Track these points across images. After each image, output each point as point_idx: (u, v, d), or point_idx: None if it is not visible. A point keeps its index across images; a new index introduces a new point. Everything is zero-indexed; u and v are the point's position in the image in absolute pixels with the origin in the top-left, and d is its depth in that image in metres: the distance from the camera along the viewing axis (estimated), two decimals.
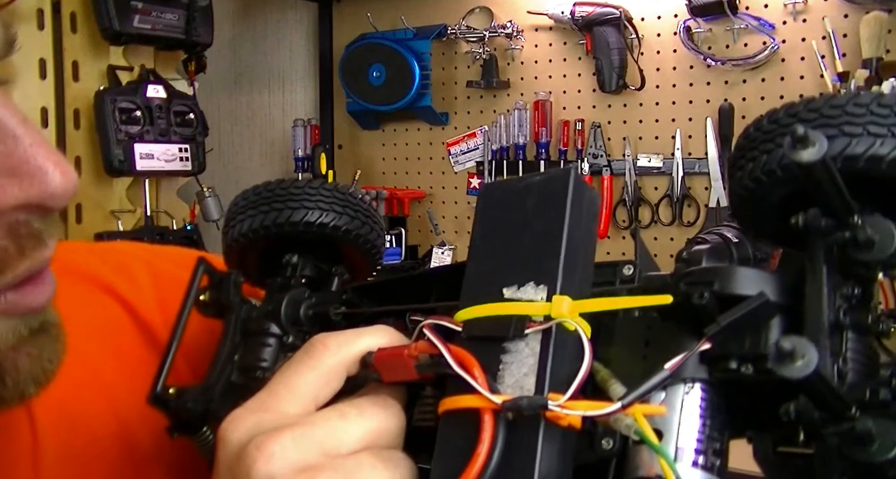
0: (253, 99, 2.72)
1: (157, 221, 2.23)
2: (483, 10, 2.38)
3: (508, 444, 0.34)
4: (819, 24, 1.94)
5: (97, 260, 0.60)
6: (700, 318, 0.36)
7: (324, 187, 0.52)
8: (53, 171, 0.37)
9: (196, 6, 2.16)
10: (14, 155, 0.37)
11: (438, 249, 2.49)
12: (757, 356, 0.35)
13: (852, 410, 0.33)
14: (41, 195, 0.37)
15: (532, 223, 0.38)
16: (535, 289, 0.37)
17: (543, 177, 0.40)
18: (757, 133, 0.41)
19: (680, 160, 2.13)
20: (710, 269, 0.38)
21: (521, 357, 0.36)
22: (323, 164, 2.56)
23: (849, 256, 0.34)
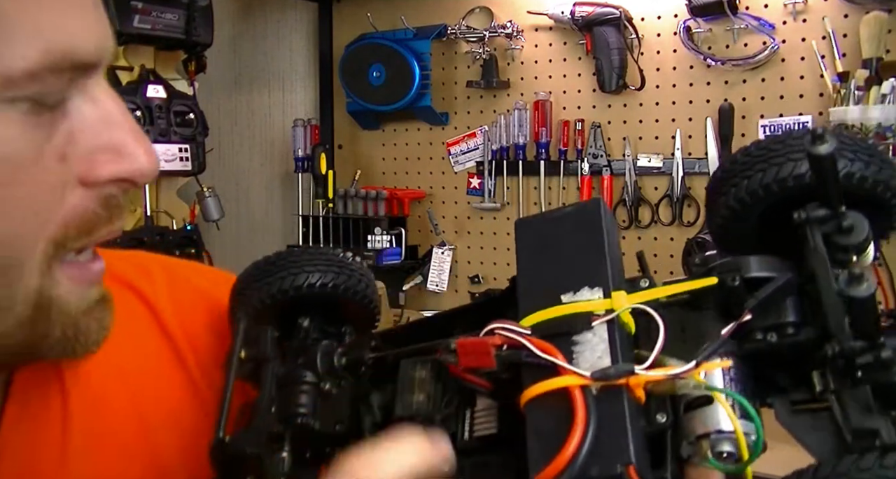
0: (253, 99, 2.72)
1: (157, 221, 2.23)
2: (483, 10, 2.38)
3: (599, 418, 0.38)
4: (819, 24, 1.94)
5: (121, 261, 0.64)
6: (730, 301, 0.43)
7: (319, 252, 0.58)
8: (143, 154, 0.47)
9: (196, 6, 2.16)
10: (116, 138, 0.46)
11: (438, 249, 2.49)
12: (779, 326, 0.42)
13: (880, 338, 0.41)
14: (132, 172, 0.47)
15: (573, 242, 0.46)
16: (591, 291, 0.43)
17: (576, 207, 0.48)
18: (734, 165, 0.48)
19: (680, 160, 2.13)
20: (734, 259, 0.44)
21: (591, 345, 0.41)
22: (323, 164, 2.56)
23: (833, 242, 0.42)
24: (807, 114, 1.97)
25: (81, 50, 0.45)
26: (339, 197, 2.55)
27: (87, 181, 0.46)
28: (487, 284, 2.44)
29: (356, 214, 2.53)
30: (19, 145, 0.44)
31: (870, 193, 0.45)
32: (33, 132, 0.44)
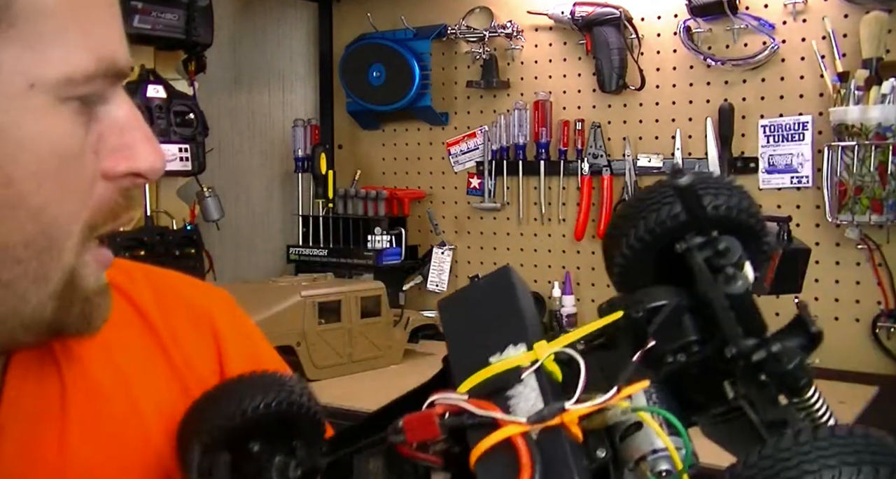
0: (253, 99, 2.72)
1: (157, 221, 2.23)
2: (483, 10, 2.38)
3: (544, 462, 0.41)
4: (819, 24, 1.94)
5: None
6: (637, 333, 0.47)
7: (257, 377, 0.61)
8: (152, 153, 0.55)
9: (196, 6, 2.16)
10: (132, 139, 0.54)
11: (438, 249, 2.49)
12: (684, 346, 0.47)
13: (766, 333, 0.46)
14: (142, 168, 0.55)
15: (492, 310, 0.51)
16: (515, 348, 0.46)
17: (488, 279, 0.53)
18: (619, 219, 0.54)
19: (680, 160, 2.13)
20: (633, 295, 0.49)
21: (524, 396, 0.44)
22: (323, 164, 2.56)
23: (713, 264, 0.47)
24: (807, 114, 1.97)
25: (122, 59, 0.53)
26: (339, 197, 2.55)
27: (108, 175, 0.54)
28: None
29: (356, 214, 2.53)
30: (69, 139, 0.51)
31: (735, 220, 0.51)
32: (79, 129, 0.52)
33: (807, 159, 1.97)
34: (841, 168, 1.85)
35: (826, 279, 1.96)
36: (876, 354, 1.91)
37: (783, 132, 2.00)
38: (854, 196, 1.83)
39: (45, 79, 0.49)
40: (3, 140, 0.49)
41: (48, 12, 0.49)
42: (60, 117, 0.51)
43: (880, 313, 1.90)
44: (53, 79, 0.49)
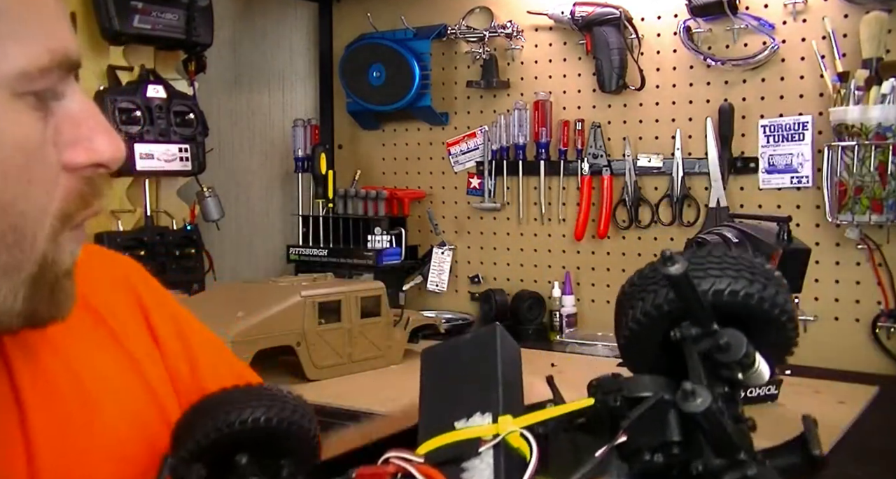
0: (253, 99, 2.72)
1: (157, 221, 2.23)
2: (483, 10, 2.38)
3: None
4: (819, 24, 1.94)
5: None
6: (614, 420, 0.44)
7: (255, 389, 0.60)
8: (109, 144, 0.56)
9: (196, 6, 2.16)
10: (88, 130, 0.55)
11: (438, 249, 2.49)
12: (664, 445, 0.43)
13: (741, 454, 0.42)
14: (102, 159, 0.55)
15: (470, 370, 0.48)
16: (482, 416, 0.45)
17: (475, 334, 0.51)
18: (624, 295, 0.51)
19: (680, 160, 2.13)
20: (617, 380, 0.47)
21: (479, 471, 0.42)
22: (323, 164, 2.56)
23: (714, 359, 0.44)
24: (807, 114, 1.97)
25: (73, 52, 0.54)
26: (339, 197, 2.55)
27: (70, 167, 0.54)
28: (488, 284, 2.44)
29: (356, 214, 2.53)
30: (30, 134, 0.52)
31: (745, 308, 0.46)
32: (37, 123, 0.52)
33: (807, 159, 1.97)
34: (841, 168, 1.85)
35: (826, 279, 1.96)
36: (876, 354, 1.91)
37: (783, 132, 2.00)
38: (854, 196, 1.83)
39: (2, 75, 0.50)
40: None
41: (2, 11, 0.50)
42: (18, 112, 0.51)
43: (880, 313, 1.90)
44: (10, 74, 0.50)
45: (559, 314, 2.25)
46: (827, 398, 1.65)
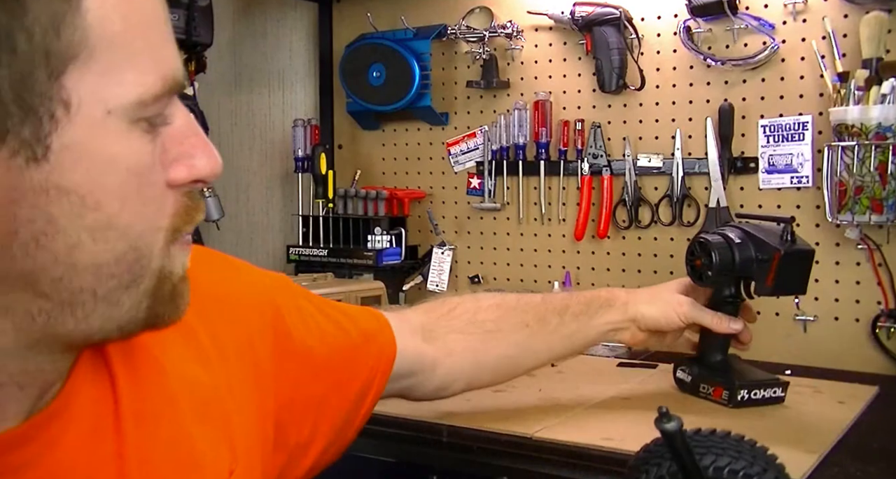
0: (253, 99, 2.72)
1: None
2: (483, 10, 2.38)
3: None
4: (819, 24, 1.94)
5: None
6: None
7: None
8: (209, 159, 0.59)
9: (196, 6, 2.16)
10: (189, 148, 0.58)
11: (438, 249, 2.49)
12: None
13: None
14: (203, 173, 0.59)
15: None
16: None
17: None
18: (637, 461, 0.58)
19: (680, 160, 2.13)
20: None
21: None
22: (323, 164, 2.56)
23: None
24: (807, 114, 1.98)
25: (180, 76, 0.57)
26: (339, 197, 2.55)
27: (174, 183, 0.58)
28: (487, 284, 2.44)
29: (356, 214, 2.53)
30: (142, 158, 0.55)
31: None
32: (148, 145, 0.55)
33: (807, 159, 1.97)
34: (841, 168, 1.85)
35: (826, 279, 1.97)
36: (876, 354, 1.91)
37: (783, 132, 2.00)
38: (854, 196, 1.83)
39: (121, 104, 0.53)
40: (90, 166, 0.52)
41: (118, 40, 0.52)
42: (133, 138, 0.54)
43: (880, 313, 1.90)
44: (128, 103, 0.53)
45: None
46: (827, 398, 1.65)
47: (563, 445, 1.36)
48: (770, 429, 1.44)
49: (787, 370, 1.88)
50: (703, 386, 1.53)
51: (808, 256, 1.45)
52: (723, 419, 1.47)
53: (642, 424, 1.50)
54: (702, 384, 1.53)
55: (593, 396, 1.62)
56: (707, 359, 1.52)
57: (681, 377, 1.59)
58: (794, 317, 2.00)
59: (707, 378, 1.52)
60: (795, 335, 2.00)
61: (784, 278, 1.41)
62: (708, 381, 1.52)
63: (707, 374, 1.52)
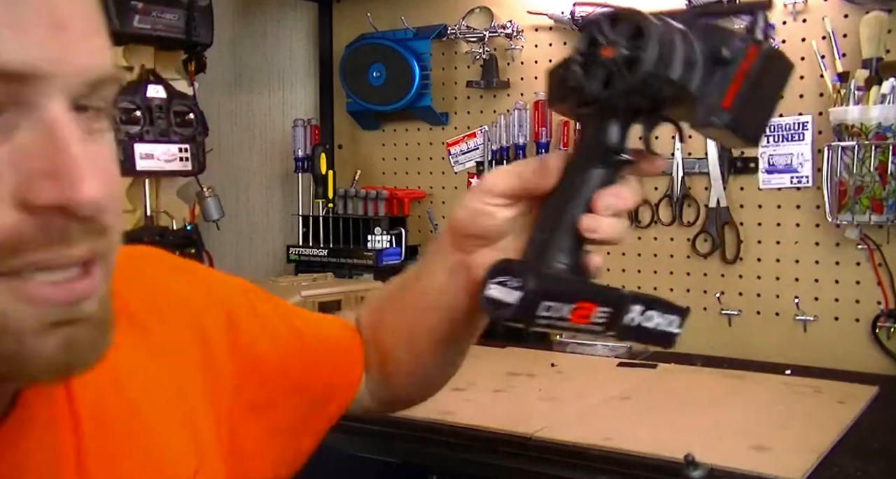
0: (253, 99, 2.72)
1: (157, 222, 2.23)
2: (483, 10, 2.38)
3: None
4: (819, 24, 1.94)
5: None
6: None
7: None
8: (86, 184, 0.45)
9: (196, 6, 2.16)
10: (58, 164, 0.45)
11: None
12: None
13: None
14: (69, 201, 0.45)
15: None
16: None
17: None
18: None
19: (680, 160, 2.13)
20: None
21: None
22: (323, 164, 2.56)
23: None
24: (807, 114, 1.97)
25: (14, 60, 0.44)
26: (339, 197, 2.55)
27: (25, 204, 0.45)
28: None
29: (356, 214, 2.53)
30: None
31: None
32: None
33: (807, 159, 1.97)
34: (841, 168, 1.85)
35: (826, 279, 1.97)
36: (876, 354, 1.91)
37: (783, 132, 2.00)
38: (854, 196, 1.83)
39: None
40: None
41: None
42: None
43: (880, 313, 1.90)
44: None
45: None
46: (827, 398, 1.65)
47: (563, 445, 1.36)
48: (770, 429, 1.44)
49: (787, 370, 1.88)
50: (551, 307, 0.73)
51: (788, 67, 0.87)
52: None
53: (642, 424, 1.51)
54: (548, 304, 0.73)
55: (593, 396, 1.62)
56: (546, 261, 0.76)
57: (496, 296, 0.74)
58: (794, 317, 2.00)
59: (557, 292, 0.73)
60: (795, 335, 2.00)
61: (750, 98, 0.76)
62: (560, 295, 0.73)
63: (553, 286, 0.74)
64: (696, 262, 2.13)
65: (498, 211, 0.78)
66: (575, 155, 0.77)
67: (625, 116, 0.76)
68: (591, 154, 0.75)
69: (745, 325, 2.07)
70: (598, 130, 0.75)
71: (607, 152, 0.75)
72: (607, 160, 0.75)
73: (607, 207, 0.72)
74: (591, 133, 0.76)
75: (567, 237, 0.74)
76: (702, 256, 2.12)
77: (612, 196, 0.73)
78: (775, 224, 2.03)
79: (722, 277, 2.10)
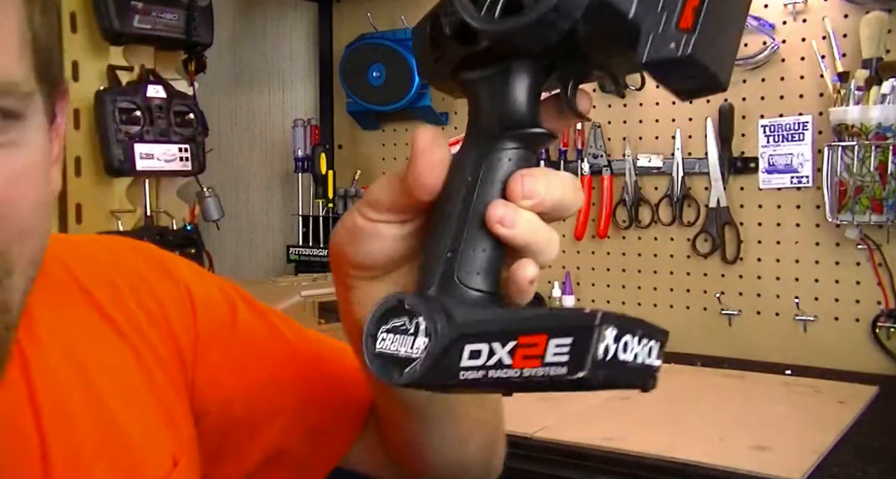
0: (253, 99, 2.72)
1: (157, 222, 2.23)
2: None
3: None
4: (819, 24, 1.94)
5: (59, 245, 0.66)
6: None
7: None
8: None
9: (196, 6, 2.16)
10: None
11: None
12: None
13: None
14: None
15: None
16: None
17: None
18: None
19: (680, 160, 2.13)
20: None
21: None
22: (323, 164, 2.56)
23: None
24: (807, 114, 1.97)
25: None
26: (339, 197, 2.55)
27: None
28: None
29: None
30: None
31: None
32: None
33: (807, 159, 1.97)
34: (841, 168, 1.85)
35: (826, 279, 1.96)
36: (876, 354, 1.91)
37: (783, 132, 2.00)
38: (854, 196, 1.83)
39: None
40: None
41: None
42: None
43: (880, 313, 1.90)
44: None
45: None
46: (827, 398, 1.65)
47: (563, 445, 1.36)
48: (770, 429, 1.44)
49: (787, 370, 1.88)
50: (479, 352, 0.43)
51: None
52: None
53: (642, 424, 1.51)
54: (474, 348, 0.43)
55: (593, 396, 1.62)
56: (456, 285, 0.48)
57: (391, 351, 0.47)
58: (794, 317, 2.00)
59: (485, 328, 0.44)
60: (795, 335, 2.00)
61: (716, 14, 0.45)
62: (490, 332, 0.44)
63: (476, 320, 0.45)
64: (696, 262, 2.13)
65: (386, 229, 0.52)
66: (468, 137, 0.54)
67: (534, 69, 0.49)
68: (491, 130, 0.51)
69: (745, 325, 2.07)
70: (495, 94, 0.51)
71: (512, 125, 0.50)
72: (514, 136, 0.50)
73: (527, 192, 0.47)
74: (486, 103, 0.52)
75: (477, 247, 0.48)
76: (702, 256, 2.12)
77: (533, 178, 0.48)
78: (775, 224, 2.03)
79: (722, 277, 2.10)
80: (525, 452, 1.36)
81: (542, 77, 0.49)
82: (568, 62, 0.49)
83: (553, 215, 0.49)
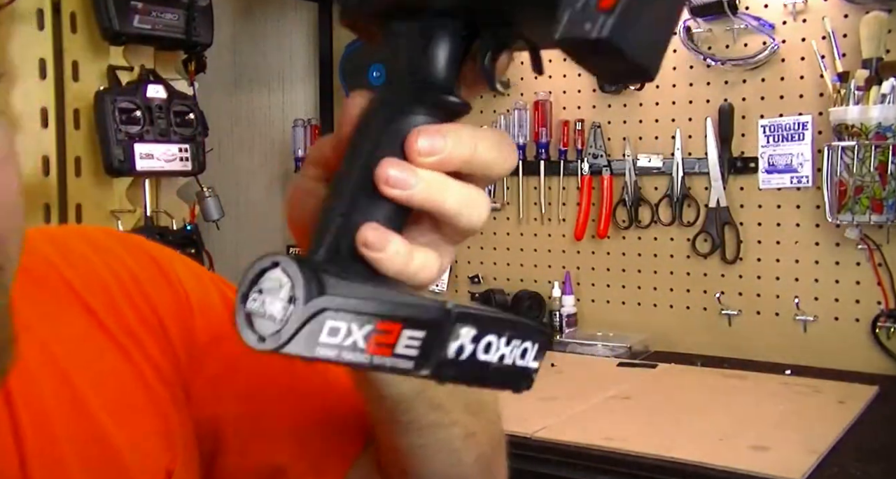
0: (253, 99, 2.72)
1: (157, 222, 2.23)
2: None
3: None
4: (819, 24, 1.94)
5: (42, 240, 0.64)
6: None
7: None
8: None
9: (196, 6, 2.16)
10: None
11: None
12: None
13: None
14: None
15: None
16: None
17: None
18: None
19: (680, 160, 2.13)
20: None
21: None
22: None
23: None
24: (806, 114, 1.97)
25: None
26: None
27: None
28: (487, 284, 2.44)
29: None
30: None
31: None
32: None
33: (807, 159, 1.97)
34: (841, 168, 1.85)
35: (826, 279, 1.96)
36: (876, 354, 1.91)
37: (783, 132, 2.00)
38: (854, 196, 1.83)
39: None
40: None
41: None
42: None
43: (880, 313, 1.90)
44: None
45: (559, 314, 2.25)
46: (827, 398, 1.65)
47: (563, 445, 1.36)
48: (770, 429, 1.44)
49: (787, 370, 1.88)
50: (339, 330, 0.40)
51: None
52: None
53: (642, 424, 1.51)
54: (334, 324, 0.40)
55: (593, 396, 1.62)
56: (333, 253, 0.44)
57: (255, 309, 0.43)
58: (794, 317, 2.00)
59: (349, 303, 0.40)
60: (795, 335, 2.00)
61: (635, 11, 0.38)
62: (352, 308, 0.40)
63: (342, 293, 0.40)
64: (696, 262, 2.13)
65: (321, 188, 0.47)
66: (380, 94, 0.47)
67: (455, 29, 0.47)
68: (403, 89, 0.46)
69: (745, 325, 2.07)
70: (413, 51, 0.47)
71: (428, 90, 0.46)
72: (426, 101, 0.46)
73: (426, 148, 0.42)
74: (403, 59, 0.47)
75: (367, 212, 0.44)
76: (702, 256, 2.12)
77: (434, 133, 0.43)
78: (775, 224, 2.03)
79: (722, 277, 2.10)
80: (525, 452, 1.36)
81: (464, 43, 0.47)
82: (491, 28, 0.48)
83: (475, 175, 0.44)
